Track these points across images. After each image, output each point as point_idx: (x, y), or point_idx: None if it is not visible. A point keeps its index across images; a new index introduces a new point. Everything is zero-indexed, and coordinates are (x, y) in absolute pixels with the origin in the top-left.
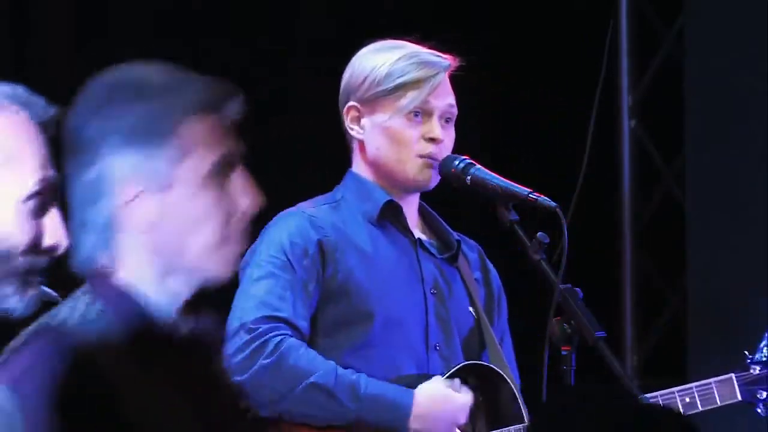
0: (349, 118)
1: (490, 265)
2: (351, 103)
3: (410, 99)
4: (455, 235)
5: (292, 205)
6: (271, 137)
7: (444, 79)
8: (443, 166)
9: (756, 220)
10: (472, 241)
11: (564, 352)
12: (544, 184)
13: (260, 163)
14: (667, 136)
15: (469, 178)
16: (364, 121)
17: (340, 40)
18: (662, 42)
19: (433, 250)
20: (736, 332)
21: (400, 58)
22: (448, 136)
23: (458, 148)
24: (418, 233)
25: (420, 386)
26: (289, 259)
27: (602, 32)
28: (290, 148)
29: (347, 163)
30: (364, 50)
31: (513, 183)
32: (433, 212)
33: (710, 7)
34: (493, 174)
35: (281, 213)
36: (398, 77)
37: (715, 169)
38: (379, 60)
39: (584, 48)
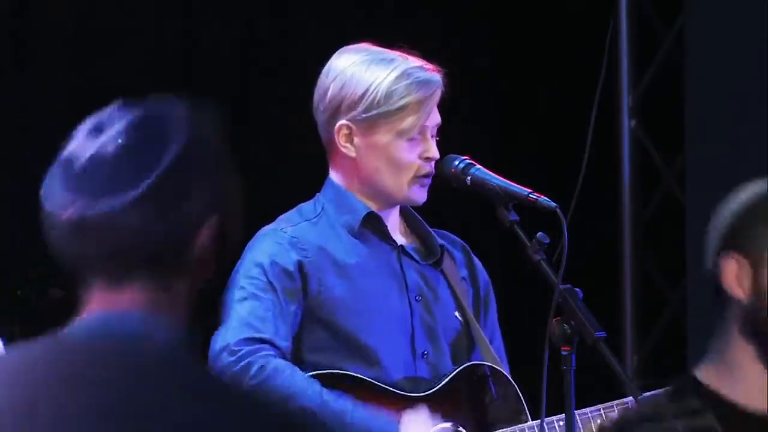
0: (340, 136)
1: (476, 261)
2: (343, 121)
3: (411, 123)
4: (438, 239)
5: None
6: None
7: (437, 95)
8: (443, 166)
9: None
10: (456, 238)
11: (564, 352)
12: (544, 184)
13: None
14: (667, 136)
15: (469, 178)
16: (357, 140)
17: (336, 46)
18: (662, 42)
19: (417, 256)
20: None
21: (398, 77)
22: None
23: (458, 148)
24: (400, 239)
25: (405, 421)
26: (269, 280)
27: (602, 32)
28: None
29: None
30: (348, 60)
31: (513, 183)
32: (416, 214)
33: (710, 7)
34: (493, 174)
35: (261, 231)
36: (399, 99)
37: (715, 169)
38: (374, 77)
39: (584, 48)
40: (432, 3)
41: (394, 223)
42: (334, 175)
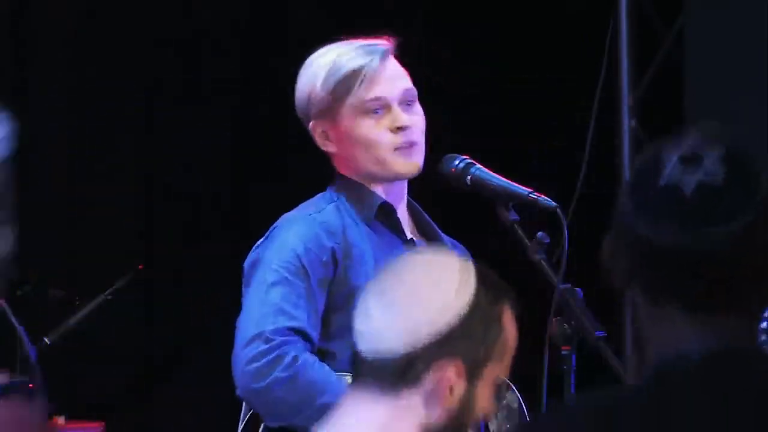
0: (317, 136)
1: None
2: (311, 123)
3: (360, 95)
4: (445, 238)
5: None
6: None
7: (386, 64)
8: (443, 166)
9: None
10: (456, 243)
11: (564, 352)
12: (545, 184)
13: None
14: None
15: (469, 177)
16: (331, 135)
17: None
18: (662, 42)
19: None
20: None
21: (333, 60)
22: (416, 116)
23: (458, 148)
24: (409, 233)
25: None
26: (303, 265)
27: (602, 32)
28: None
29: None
30: (302, 68)
31: (513, 183)
32: (423, 212)
33: (710, 7)
34: (493, 174)
35: (288, 216)
36: (337, 78)
37: None
38: (314, 69)
39: (584, 48)
40: (432, 3)
41: (402, 217)
42: (339, 168)
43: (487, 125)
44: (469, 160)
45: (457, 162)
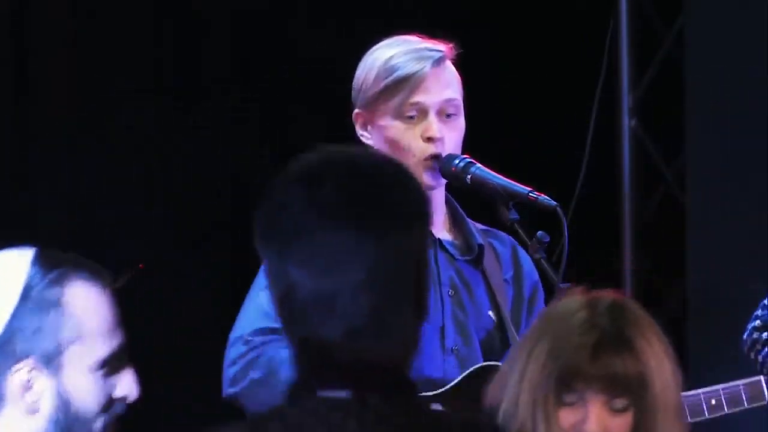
0: (358, 125)
1: (524, 261)
2: (356, 110)
3: (400, 100)
4: (478, 238)
5: None
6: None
7: (435, 72)
8: (443, 165)
9: (756, 220)
10: (505, 236)
11: None
12: (545, 184)
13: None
14: (667, 136)
15: (469, 177)
16: (369, 127)
17: (343, 36)
18: (662, 42)
19: (454, 251)
20: (736, 332)
21: (389, 58)
22: (452, 130)
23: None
24: (441, 232)
25: None
26: None
27: (602, 32)
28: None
29: None
30: (368, 52)
31: (513, 182)
32: (461, 212)
33: (710, 7)
34: (494, 173)
35: None
36: (384, 78)
37: (715, 169)
38: (371, 63)
39: (584, 48)
40: (432, 3)
41: (436, 215)
42: None
43: (487, 125)
44: (470, 159)
45: (457, 161)
